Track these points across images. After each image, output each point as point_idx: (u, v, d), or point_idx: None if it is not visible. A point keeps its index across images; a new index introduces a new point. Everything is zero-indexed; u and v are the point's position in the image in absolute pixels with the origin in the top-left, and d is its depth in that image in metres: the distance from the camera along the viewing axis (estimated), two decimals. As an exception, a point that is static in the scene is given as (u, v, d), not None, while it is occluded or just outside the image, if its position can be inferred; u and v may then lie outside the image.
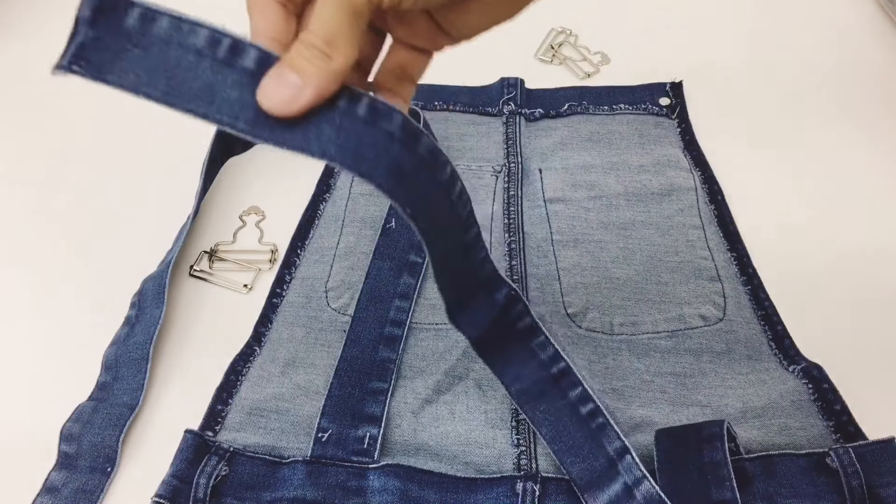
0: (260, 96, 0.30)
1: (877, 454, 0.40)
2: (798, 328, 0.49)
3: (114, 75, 0.30)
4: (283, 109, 0.30)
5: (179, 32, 0.30)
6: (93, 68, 0.30)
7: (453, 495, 0.41)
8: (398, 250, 0.54)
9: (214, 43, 0.30)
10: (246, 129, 0.30)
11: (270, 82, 0.30)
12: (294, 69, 0.30)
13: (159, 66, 0.30)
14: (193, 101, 0.30)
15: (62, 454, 0.45)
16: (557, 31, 0.73)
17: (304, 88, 0.29)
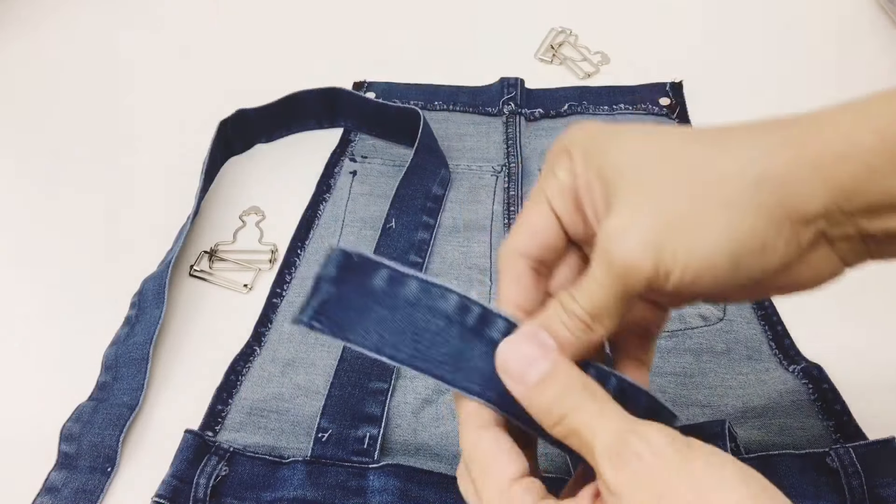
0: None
1: (877, 454, 0.40)
2: (798, 328, 0.49)
3: (356, 335, 0.30)
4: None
5: (428, 296, 0.30)
6: (335, 325, 0.30)
7: (453, 495, 0.41)
8: (398, 250, 0.54)
9: (464, 310, 0.30)
10: (497, 401, 0.29)
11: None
12: (549, 331, 0.29)
13: (406, 329, 0.30)
14: (440, 367, 0.29)
15: (62, 454, 0.45)
16: (558, 30, 0.73)
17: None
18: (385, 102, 0.63)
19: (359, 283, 0.30)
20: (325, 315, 0.30)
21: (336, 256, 0.30)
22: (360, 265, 0.30)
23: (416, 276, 0.30)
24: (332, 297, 0.30)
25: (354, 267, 0.30)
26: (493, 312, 0.29)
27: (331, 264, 0.30)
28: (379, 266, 0.30)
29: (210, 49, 0.73)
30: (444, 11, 0.77)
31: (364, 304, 0.30)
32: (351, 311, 0.30)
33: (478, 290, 0.53)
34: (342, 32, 0.75)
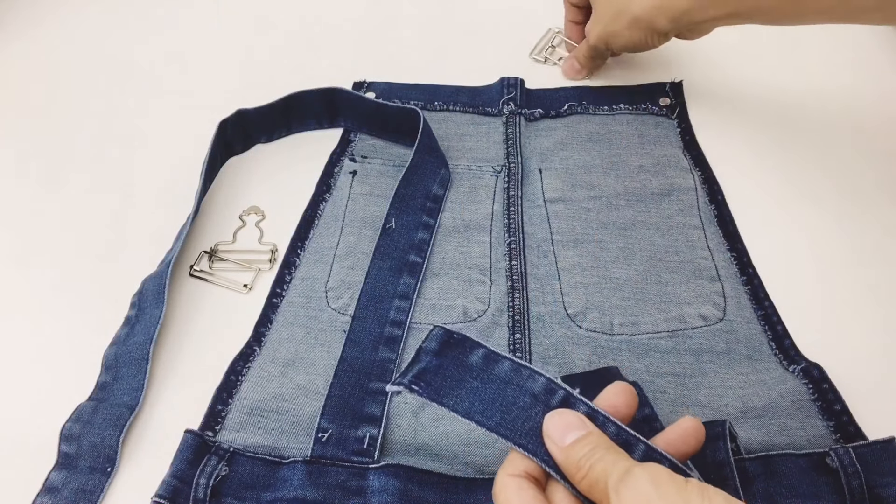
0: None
1: (877, 454, 0.40)
2: (798, 328, 0.49)
3: (450, 399, 0.34)
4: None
5: (519, 376, 0.35)
6: (431, 391, 0.35)
7: (453, 495, 0.41)
8: (398, 250, 0.54)
9: (550, 392, 0.34)
10: (545, 459, 0.33)
11: (567, 64, 0.68)
12: (577, 59, 0.53)
13: (496, 401, 0.34)
14: (524, 437, 0.33)
15: (62, 454, 0.45)
16: (555, 31, 0.73)
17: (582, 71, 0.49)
18: (385, 102, 0.63)
19: (456, 357, 0.36)
20: (424, 381, 0.35)
21: (437, 334, 0.36)
22: (459, 342, 0.36)
23: (510, 358, 0.35)
24: (431, 366, 0.36)
25: (454, 343, 0.36)
26: (575, 397, 0.34)
27: (433, 340, 0.36)
28: (476, 346, 0.36)
29: (210, 49, 0.73)
30: (443, 12, 0.77)
31: (460, 376, 0.35)
32: (448, 380, 0.35)
33: (478, 290, 0.53)
34: (342, 32, 0.75)
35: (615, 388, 0.35)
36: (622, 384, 0.35)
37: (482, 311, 0.51)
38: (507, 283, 0.53)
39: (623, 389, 0.35)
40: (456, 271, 0.54)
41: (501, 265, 0.54)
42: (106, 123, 0.66)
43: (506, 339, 0.50)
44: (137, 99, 0.69)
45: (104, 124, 0.66)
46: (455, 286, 0.53)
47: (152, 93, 0.69)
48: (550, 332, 0.50)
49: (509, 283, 0.53)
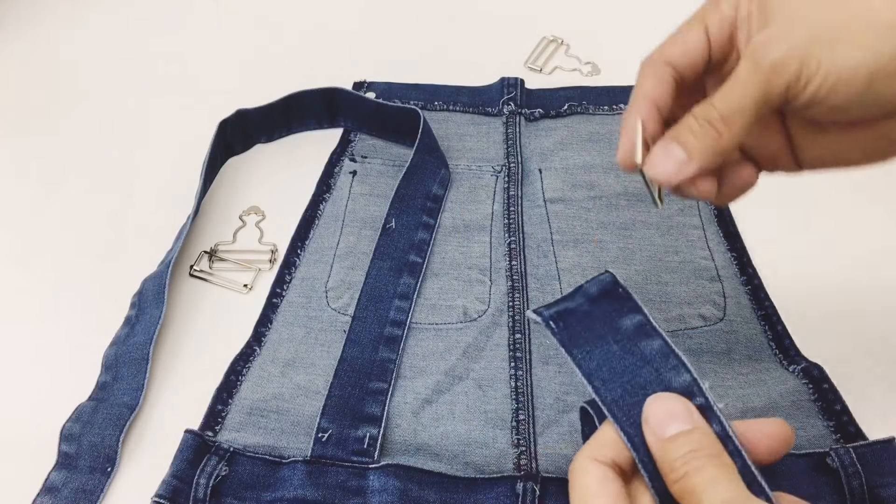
0: (647, 166, 0.33)
1: (877, 454, 0.40)
2: (798, 328, 0.49)
3: (580, 352, 0.32)
4: (668, 180, 0.33)
5: (665, 362, 0.31)
6: (567, 335, 0.32)
7: (453, 495, 0.41)
8: (398, 250, 0.54)
9: (689, 394, 0.30)
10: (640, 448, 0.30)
11: (658, 153, 0.33)
12: (680, 143, 0.33)
13: (625, 375, 0.31)
14: (634, 427, 0.30)
15: (62, 454, 0.45)
16: (549, 39, 0.73)
17: (688, 164, 0.32)
18: (385, 102, 0.63)
19: (609, 311, 0.32)
20: (564, 322, 0.32)
21: (604, 279, 0.33)
22: (620, 298, 0.32)
23: (664, 338, 0.31)
24: (580, 310, 0.32)
25: (615, 297, 0.33)
26: (713, 409, 0.29)
27: (595, 284, 0.33)
28: (636, 310, 0.32)
29: (210, 49, 0.73)
30: (443, 12, 0.77)
31: (603, 332, 0.32)
32: (589, 332, 0.32)
33: (478, 290, 0.53)
34: (342, 32, 0.75)
35: (770, 424, 0.30)
36: (780, 422, 0.30)
37: (482, 311, 0.51)
38: (507, 283, 0.53)
39: (779, 429, 0.29)
40: (456, 271, 0.54)
41: (501, 265, 0.54)
42: (106, 123, 0.66)
43: (506, 338, 0.50)
44: (137, 99, 0.69)
45: (104, 124, 0.66)
46: (455, 286, 0.53)
47: (152, 93, 0.69)
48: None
49: (509, 283, 0.53)
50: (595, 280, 0.33)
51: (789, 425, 0.29)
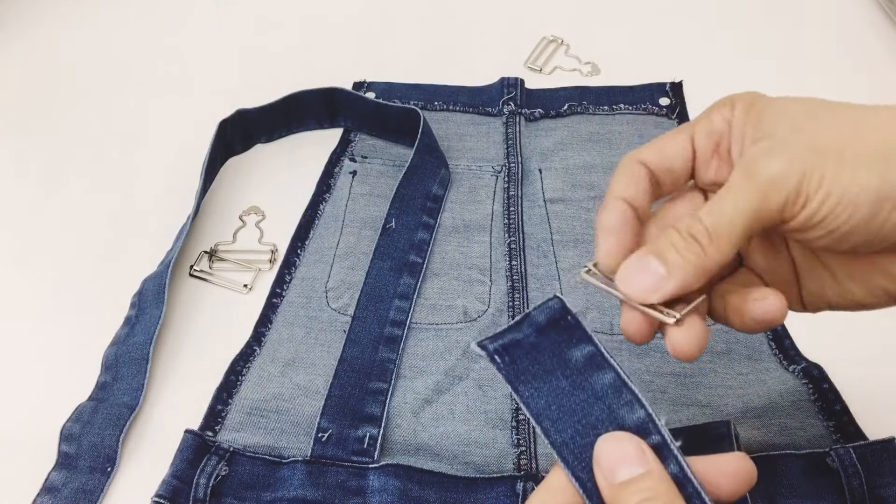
0: (619, 280, 0.30)
1: (877, 454, 0.40)
2: (798, 328, 0.49)
3: (527, 390, 0.29)
4: (641, 297, 0.29)
5: (618, 397, 0.28)
6: (512, 370, 0.29)
7: (453, 495, 0.41)
8: (398, 250, 0.54)
9: (643, 432, 0.28)
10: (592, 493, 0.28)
11: (632, 266, 0.30)
12: (660, 258, 0.29)
13: (575, 415, 0.28)
14: (586, 472, 0.28)
15: (62, 454, 0.45)
16: (549, 39, 0.73)
17: (666, 281, 0.29)
18: (385, 102, 0.63)
19: (558, 343, 0.30)
20: (510, 355, 0.30)
21: (553, 306, 0.30)
22: (570, 328, 0.30)
23: (617, 370, 0.29)
24: (527, 342, 0.30)
25: (564, 326, 0.30)
26: (670, 448, 0.27)
27: (543, 312, 0.30)
28: (586, 340, 0.29)
29: (210, 49, 0.73)
30: (443, 12, 0.77)
31: (551, 367, 0.29)
32: (536, 366, 0.29)
33: (478, 290, 0.53)
34: (342, 32, 0.75)
35: (731, 460, 0.27)
36: (742, 457, 0.28)
37: (482, 311, 0.51)
38: (507, 283, 0.53)
39: (740, 465, 0.27)
40: (456, 271, 0.54)
41: (501, 265, 0.54)
42: (106, 123, 0.66)
43: (506, 339, 0.50)
44: (137, 99, 0.69)
45: (104, 124, 0.66)
46: (455, 286, 0.53)
47: (152, 93, 0.69)
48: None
49: (509, 283, 0.53)
50: (543, 307, 0.30)
51: (751, 460, 0.27)
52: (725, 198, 0.28)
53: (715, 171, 0.33)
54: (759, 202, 0.28)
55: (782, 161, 0.28)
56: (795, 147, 0.28)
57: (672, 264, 0.29)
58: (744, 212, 0.28)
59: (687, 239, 0.29)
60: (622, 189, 0.32)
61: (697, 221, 0.29)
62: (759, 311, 0.31)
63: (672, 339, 0.30)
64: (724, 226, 0.28)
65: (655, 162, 0.33)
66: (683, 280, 0.29)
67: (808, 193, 0.27)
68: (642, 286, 0.29)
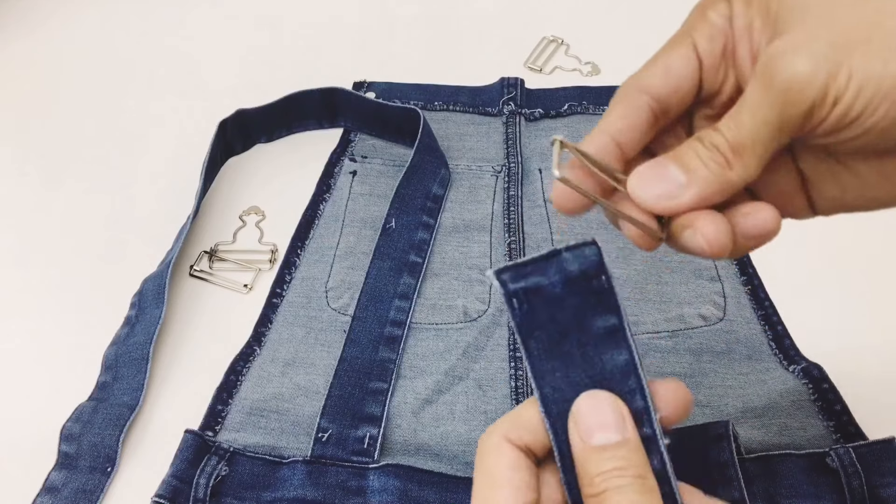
0: (631, 184, 0.27)
1: (877, 454, 0.40)
2: (798, 328, 0.49)
3: (535, 346, 0.27)
4: (654, 204, 0.26)
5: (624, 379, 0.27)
6: (528, 319, 0.26)
7: (453, 495, 0.41)
8: (398, 250, 0.54)
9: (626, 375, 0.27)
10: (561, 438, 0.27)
11: (648, 171, 0.27)
12: (681, 165, 0.26)
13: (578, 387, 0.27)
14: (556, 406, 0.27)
15: (62, 454, 0.45)
16: (549, 39, 0.73)
17: (685, 188, 0.26)
18: (385, 102, 0.63)
19: (584, 305, 0.26)
20: (529, 304, 0.26)
21: (589, 255, 0.26)
22: (600, 291, 0.26)
23: (633, 351, 0.26)
24: (551, 292, 0.26)
25: (596, 287, 0.26)
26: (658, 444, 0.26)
27: (577, 259, 0.26)
28: (614, 309, 0.26)
29: (210, 49, 0.73)
30: (443, 12, 0.77)
31: (568, 331, 0.26)
32: (553, 324, 0.26)
33: (478, 290, 0.53)
34: (342, 32, 0.75)
35: (672, 386, 0.27)
36: (680, 385, 0.27)
37: (482, 310, 0.51)
38: (507, 283, 0.53)
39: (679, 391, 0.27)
40: (456, 271, 0.54)
41: (501, 265, 0.54)
42: (106, 123, 0.66)
43: (506, 339, 0.50)
44: (137, 99, 0.69)
45: (104, 124, 0.66)
46: (455, 286, 0.53)
47: (152, 93, 0.69)
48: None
49: (509, 283, 0.53)
50: (578, 253, 0.26)
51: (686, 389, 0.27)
52: (744, 110, 0.26)
53: (722, 77, 0.29)
54: (782, 110, 0.25)
55: (803, 61, 0.24)
56: (815, 42, 0.24)
57: (694, 172, 0.26)
58: (767, 123, 0.25)
59: (710, 148, 0.26)
60: (613, 121, 0.28)
61: (719, 135, 0.26)
62: (750, 226, 0.28)
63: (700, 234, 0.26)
64: (748, 140, 0.25)
65: (661, 86, 0.29)
66: (704, 191, 0.26)
67: (838, 92, 0.24)
68: (656, 192, 0.26)
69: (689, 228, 0.27)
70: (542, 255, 0.26)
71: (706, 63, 0.29)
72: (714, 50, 0.28)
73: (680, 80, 0.29)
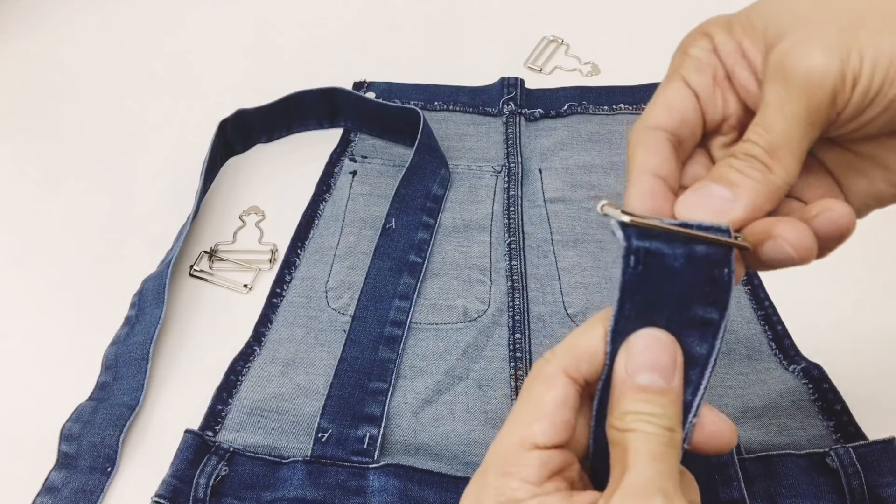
0: (679, 212, 0.27)
1: (877, 454, 0.40)
2: (798, 328, 0.49)
3: (631, 306, 0.26)
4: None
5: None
6: (636, 281, 0.26)
7: (453, 495, 0.41)
8: (398, 250, 0.54)
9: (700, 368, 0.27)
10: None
11: (691, 196, 0.27)
12: (722, 182, 0.26)
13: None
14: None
15: (62, 454, 0.45)
16: (549, 39, 0.73)
17: (734, 202, 0.26)
18: (385, 102, 0.63)
19: (693, 291, 0.26)
20: (646, 266, 0.26)
21: (720, 248, 0.25)
22: (717, 282, 0.26)
23: (715, 350, 0.26)
24: (670, 264, 0.26)
25: (717, 277, 0.26)
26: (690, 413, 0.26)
27: (705, 244, 0.26)
28: (721, 305, 0.26)
29: (210, 49, 0.73)
30: (443, 12, 0.77)
31: (665, 306, 0.26)
32: (656, 296, 0.26)
33: (478, 290, 0.53)
34: (342, 32, 0.75)
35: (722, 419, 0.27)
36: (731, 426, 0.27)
37: (482, 310, 0.51)
38: (507, 283, 0.53)
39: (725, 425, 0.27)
40: (456, 271, 0.54)
41: (501, 265, 0.54)
42: (106, 123, 0.66)
43: (506, 338, 0.50)
44: (137, 99, 0.69)
45: (104, 124, 0.66)
46: (455, 286, 0.53)
47: (152, 93, 0.69)
48: (550, 331, 0.50)
49: (509, 283, 0.53)
50: (712, 237, 0.25)
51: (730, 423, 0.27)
52: (769, 112, 0.26)
53: (722, 104, 0.30)
54: (808, 102, 0.25)
55: (816, 52, 0.25)
56: (821, 32, 0.25)
57: (738, 185, 0.26)
58: (796, 119, 0.26)
59: (746, 159, 0.26)
60: (644, 160, 0.28)
61: (751, 144, 0.26)
62: (828, 224, 0.27)
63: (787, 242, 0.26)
64: (781, 140, 0.26)
65: (668, 120, 0.29)
66: (753, 201, 0.26)
67: (854, 73, 0.25)
68: (705, 213, 0.26)
69: (769, 240, 0.26)
70: (675, 222, 0.26)
71: (702, 94, 0.29)
72: (705, 81, 0.29)
73: (683, 113, 0.29)
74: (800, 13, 0.27)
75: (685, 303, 0.26)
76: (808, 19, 0.26)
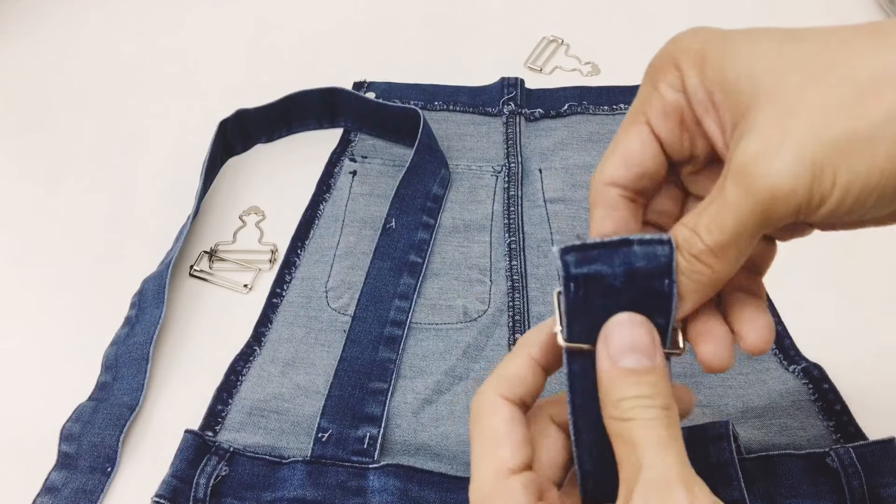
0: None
1: (877, 454, 0.40)
2: (798, 328, 0.49)
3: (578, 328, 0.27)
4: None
5: None
6: (577, 305, 0.26)
7: (453, 495, 0.41)
8: (398, 250, 0.54)
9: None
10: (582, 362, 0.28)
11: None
12: None
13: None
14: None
15: (62, 454, 0.45)
16: (549, 39, 0.73)
17: (682, 304, 0.26)
18: (385, 102, 0.63)
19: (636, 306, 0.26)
20: (586, 290, 0.26)
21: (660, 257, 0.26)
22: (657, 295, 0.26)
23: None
24: (610, 283, 0.26)
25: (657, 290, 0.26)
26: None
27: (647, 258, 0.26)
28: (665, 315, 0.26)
29: (210, 49, 0.73)
30: (443, 12, 0.77)
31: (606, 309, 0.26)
32: (600, 316, 0.26)
33: (478, 290, 0.53)
34: (342, 32, 0.75)
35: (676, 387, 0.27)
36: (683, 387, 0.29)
37: (482, 310, 0.51)
38: (507, 283, 0.53)
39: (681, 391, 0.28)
40: (456, 271, 0.54)
41: (501, 265, 0.54)
42: (106, 123, 0.66)
43: (506, 338, 0.50)
44: (137, 99, 0.69)
45: (104, 124, 0.66)
46: (455, 286, 0.53)
47: (152, 93, 0.69)
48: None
49: (509, 283, 0.53)
50: (649, 250, 0.26)
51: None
52: (722, 212, 0.25)
53: (689, 145, 0.29)
54: (766, 214, 0.24)
55: (783, 168, 0.23)
56: (791, 140, 0.23)
57: (683, 288, 0.26)
58: (751, 224, 0.24)
59: (689, 260, 0.26)
60: (599, 226, 0.29)
61: (698, 239, 0.25)
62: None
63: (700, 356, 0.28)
64: (730, 241, 0.25)
65: (624, 176, 0.29)
66: (698, 301, 0.26)
67: (824, 193, 0.23)
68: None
69: (698, 346, 0.27)
70: (613, 240, 0.26)
71: (666, 139, 0.28)
72: (670, 126, 0.28)
73: (642, 166, 0.29)
74: (781, 86, 0.24)
75: None
76: (780, 101, 0.24)
